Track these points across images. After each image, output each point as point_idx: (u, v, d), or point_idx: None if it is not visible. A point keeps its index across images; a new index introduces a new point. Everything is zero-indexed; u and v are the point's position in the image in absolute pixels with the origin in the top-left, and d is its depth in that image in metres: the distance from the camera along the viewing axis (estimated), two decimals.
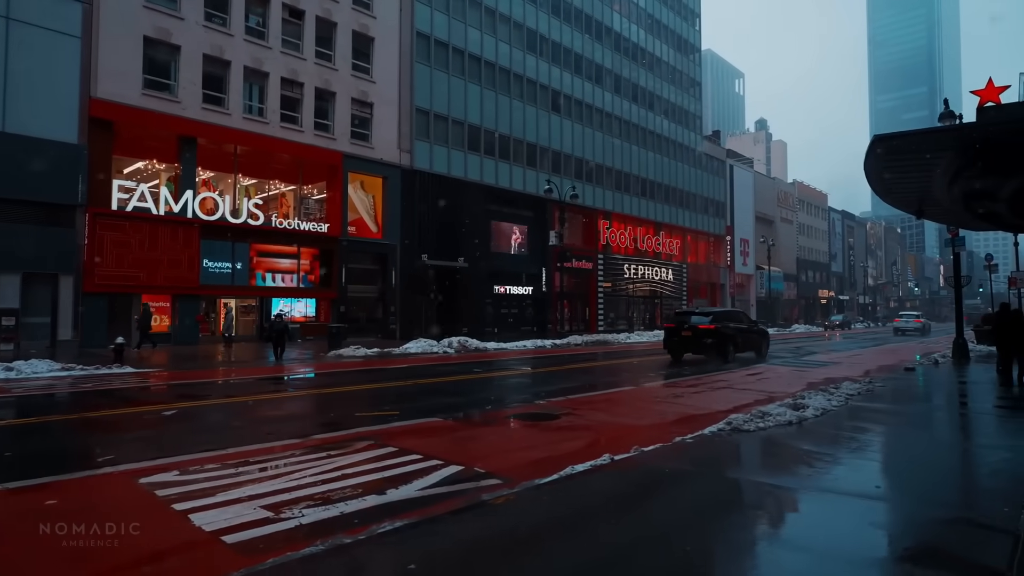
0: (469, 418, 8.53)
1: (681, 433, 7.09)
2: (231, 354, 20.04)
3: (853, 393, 10.64)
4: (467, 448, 6.68)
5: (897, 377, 13.86)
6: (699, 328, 18.67)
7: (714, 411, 8.97)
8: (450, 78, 33.35)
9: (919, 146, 8.47)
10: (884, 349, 26.63)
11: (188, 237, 23.25)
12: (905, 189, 11.61)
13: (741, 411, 8.28)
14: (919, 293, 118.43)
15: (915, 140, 8.32)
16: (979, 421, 8.84)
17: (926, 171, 10.04)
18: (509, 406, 9.63)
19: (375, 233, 29.85)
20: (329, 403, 10.32)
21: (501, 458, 6.21)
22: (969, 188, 10.60)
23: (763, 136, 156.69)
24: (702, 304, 56.35)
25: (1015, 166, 8.62)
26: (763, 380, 13.60)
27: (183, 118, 23.20)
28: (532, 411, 9.04)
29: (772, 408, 8.38)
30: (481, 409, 9.29)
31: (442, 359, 19.49)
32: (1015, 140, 7.62)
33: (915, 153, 8.94)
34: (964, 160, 8.87)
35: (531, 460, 6.12)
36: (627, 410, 9.47)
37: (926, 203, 12.76)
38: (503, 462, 6.02)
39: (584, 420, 8.41)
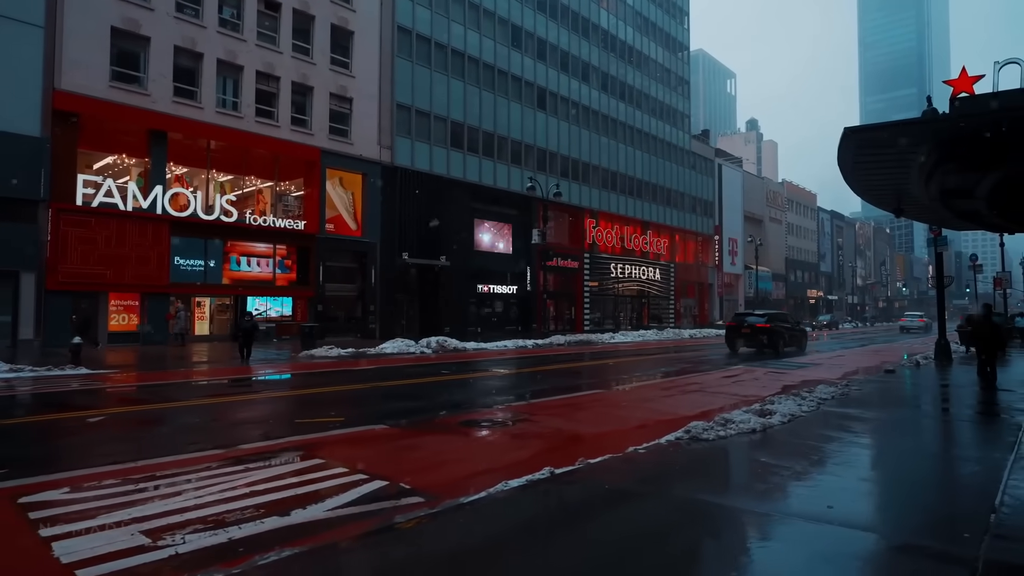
0: (417, 425, 8.05)
1: (637, 442, 6.65)
2: (186, 354, 19.46)
3: (827, 397, 10.24)
4: (402, 460, 6.21)
5: (876, 380, 13.49)
6: (756, 326, 21.86)
7: (678, 416, 8.54)
8: (432, 73, 32.82)
9: (891, 139, 8.07)
10: (868, 350, 26.35)
11: (157, 234, 22.62)
12: (882, 186, 11.22)
13: (706, 417, 7.85)
14: (907, 293, 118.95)
15: (887, 133, 7.92)
16: (953, 428, 8.45)
17: (902, 167, 9.66)
18: (466, 411, 9.16)
19: (354, 231, 29.29)
20: (276, 408, 9.81)
21: (434, 472, 5.74)
22: (946, 185, 10.23)
23: (754, 136, 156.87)
24: (690, 304, 56.14)
25: (990, 161, 8.23)
26: (738, 383, 13.19)
27: (153, 111, 22.57)
28: (488, 417, 8.58)
29: (736, 415, 7.95)
30: (435, 415, 8.81)
31: (417, 360, 19.00)
32: (989, 133, 7.23)
33: (888, 147, 8.53)
34: (939, 155, 8.47)
35: (466, 474, 5.66)
36: (589, 416, 9.02)
37: (905, 201, 12.39)
38: (435, 476, 5.55)
39: (539, 427, 7.96)
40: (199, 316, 27.13)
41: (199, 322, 27.12)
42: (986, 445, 7.21)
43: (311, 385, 12.40)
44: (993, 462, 6.02)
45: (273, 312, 27.11)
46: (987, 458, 6.35)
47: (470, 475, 5.56)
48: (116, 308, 22.35)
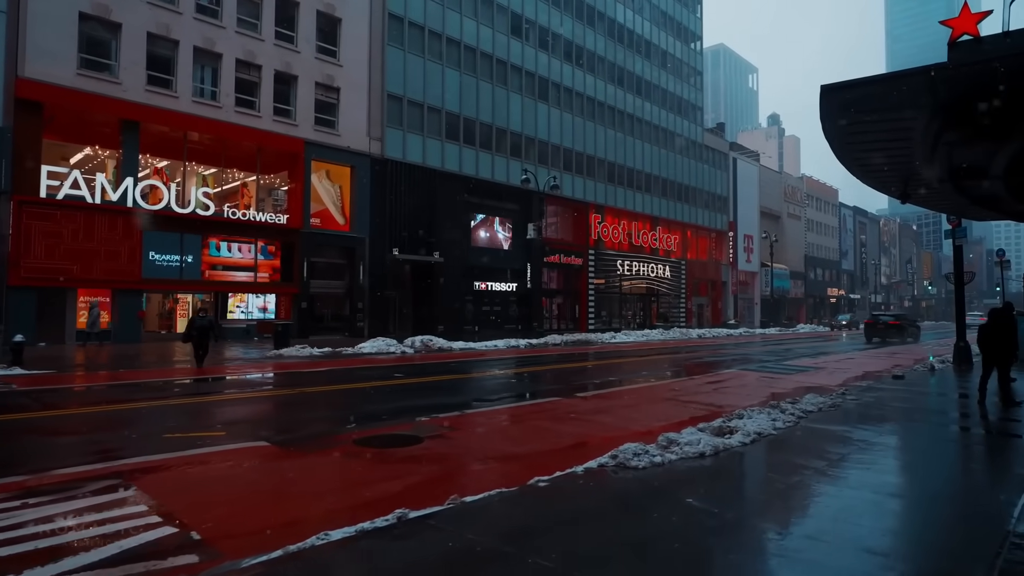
0: (303, 442, 6.82)
1: (548, 469, 5.35)
2: (144, 353, 18.49)
3: (812, 409, 8.80)
4: (231, 495, 4.96)
5: (879, 387, 11.95)
6: (888, 323, 33.17)
7: (624, 433, 7.19)
8: (426, 63, 31.62)
9: (880, 101, 6.62)
10: (883, 352, 24.54)
11: (128, 227, 21.76)
12: (881, 165, 9.70)
13: (650, 437, 6.50)
14: (934, 292, 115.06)
15: (872, 89, 6.47)
16: (959, 455, 6.97)
17: (901, 139, 8.17)
18: (381, 424, 7.91)
19: (342, 225, 28.23)
20: (160, 419, 8.36)
21: (254, 513, 4.49)
22: (954, 162, 8.70)
23: (775, 131, 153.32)
24: (702, 302, 54.35)
25: (1003, 128, 6.73)
26: (720, 390, 11.75)
27: (124, 101, 21.68)
28: (397, 431, 7.31)
29: (686, 434, 6.57)
30: (340, 428, 7.58)
31: (391, 360, 17.82)
32: (1002, 86, 5.76)
33: (879, 112, 7.07)
34: (941, 121, 6.99)
35: (293, 517, 4.39)
36: (520, 432, 7.71)
37: (911, 183, 10.82)
38: (247, 521, 4.30)
39: (448, 446, 6.67)
40: (181, 313, 26.37)
41: (181, 319, 26.36)
42: (991, 480, 5.75)
43: (244, 389, 11.24)
44: (988, 515, 4.59)
45: (255, 309, 26.17)
46: (981, 509, 4.90)
47: (295, 520, 4.29)
48: (85, 305, 21.52)
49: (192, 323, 14.86)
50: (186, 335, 14.85)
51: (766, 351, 24.41)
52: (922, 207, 14.04)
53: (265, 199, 28.13)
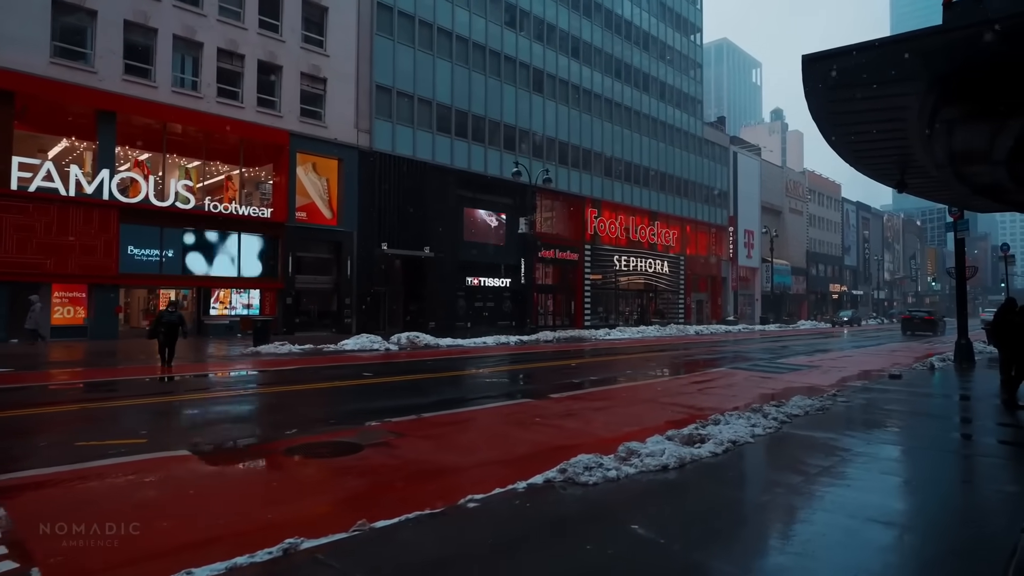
0: (230, 451, 6.20)
1: (489, 486, 4.71)
2: (112, 351, 17.90)
3: (797, 413, 8.13)
4: (110, 517, 4.31)
5: (874, 387, 11.27)
6: (924, 319, 38.39)
7: (587, 441, 6.55)
8: (416, 53, 30.91)
9: (871, 71, 5.92)
10: (883, 350, 23.83)
11: (105, 221, 21.15)
12: (874, 149, 8.99)
13: (617, 443, 5.85)
14: (938, 288, 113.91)
15: (862, 61, 5.77)
16: (955, 470, 6.30)
17: (894, 119, 7.47)
18: (325, 429, 7.28)
19: (329, 219, 27.59)
20: (88, 423, 7.56)
21: (129, 540, 3.86)
22: (953, 145, 8.00)
23: (779, 127, 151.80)
24: (701, 298, 53.64)
25: (1007, 100, 6.04)
26: (706, 391, 11.09)
27: (100, 91, 21.06)
28: (338, 439, 6.68)
29: (650, 444, 5.92)
30: (277, 434, 6.95)
31: (369, 358, 17.19)
32: (1001, 52, 5.07)
33: (869, 87, 6.38)
34: (938, 95, 6.29)
35: (165, 547, 3.76)
36: (472, 438, 7.07)
37: (908, 171, 10.11)
38: (115, 550, 3.68)
39: (387, 457, 6.03)
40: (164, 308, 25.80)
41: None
42: (999, 506, 5.08)
43: (199, 391, 10.63)
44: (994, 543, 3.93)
45: (239, 305, 25.58)
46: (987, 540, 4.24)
47: (163, 551, 3.66)
48: (60, 300, 20.97)
49: (159, 319, 13.76)
50: (152, 332, 13.81)
51: (762, 348, 23.72)
52: (922, 198, 13.33)
53: (252, 193, 27.54)
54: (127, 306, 27.76)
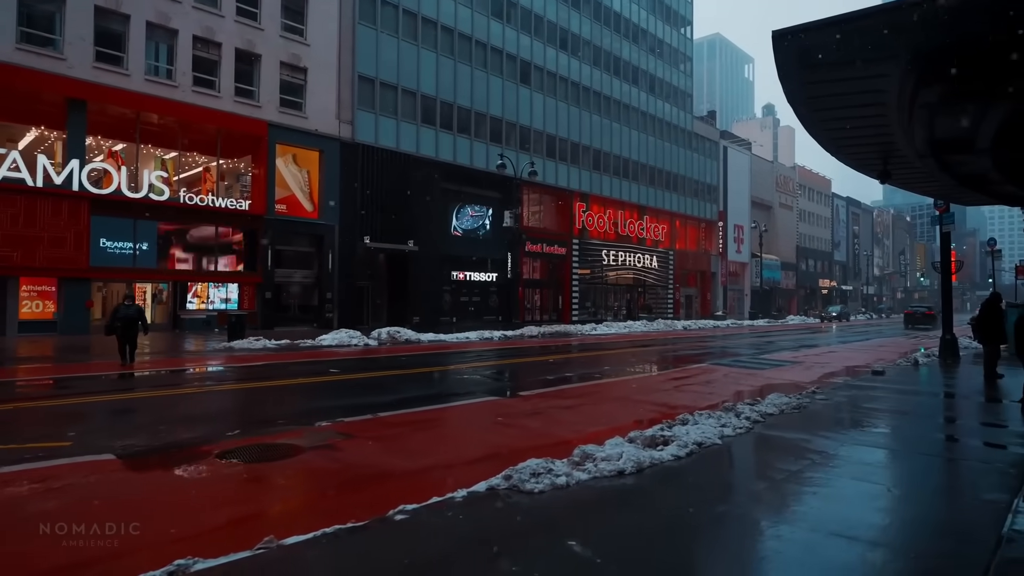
0: (160, 453, 5.77)
1: (426, 495, 4.32)
2: (74, 347, 17.36)
3: (772, 412, 7.78)
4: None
5: (856, 384, 10.95)
6: (924, 313, 40.98)
7: (546, 442, 6.17)
8: (400, 43, 30.34)
9: (846, 48, 5.54)
10: (869, 345, 23.60)
11: (75, 212, 20.57)
12: (855, 136, 8.62)
13: (564, 448, 5.47)
14: (927, 284, 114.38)
15: (836, 37, 5.38)
16: (933, 470, 5.96)
17: (876, 102, 7.08)
18: (271, 429, 6.87)
19: (310, 212, 27.06)
20: (15, 424, 7.24)
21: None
22: (936, 131, 7.64)
23: (770, 122, 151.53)
24: (691, 293, 53.42)
25: (988, 80, 5.66)
26: (682, 388, 10.73)
27: (69, 78, 20.43)
28: (281, 441, 6.26)
29: (608, 446, 5.54)
30: (217, 435, 6.53)
31: (344, 354, 16.75)
32: (980, 23, 4.68)
33: (846, 65, 6.00)
34: (918, 74, 5.92)
35: (39, 570, 3.34)
36: (426, 440, 6.67)
37: (891, 160, 9.75)
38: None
39: (327, 461, 5.63)
40: (142, 304, 25.25)
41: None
42: (978, 515, 4.73)
43: (151, 388, 10.17)
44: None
45: (217, 300, 25.04)
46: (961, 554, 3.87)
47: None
48: (28, 294, 20.39)
49: (115, 314, 12.74)
50: (108, 327, 12.83)
51: (747, 344, 23.44)
52: (907, 190, 13.00)
53: (233, 185, 26.97)
54: (104, 300, 27.26)
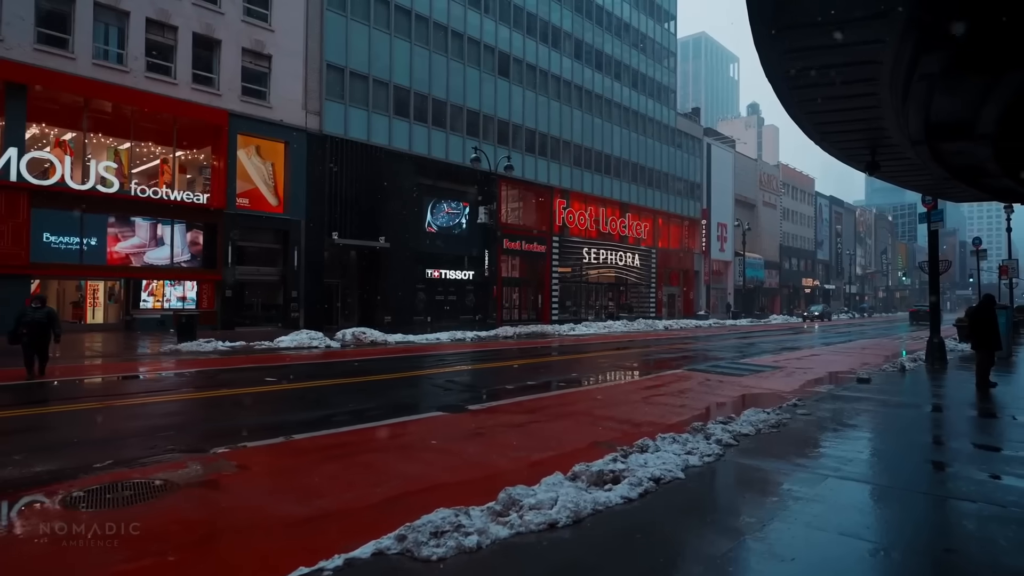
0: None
1: (290, 562, 3.27)
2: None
3: (748, 432, 6.83)
4: None
5: (840, 394, 10.06)
6: (927, 311, 33.54)
7: (477, 475, 5.16)
8: (372, 31, 29.12)
9: (831, 7, 4.60)
10: (852, 347, 22.87)
11: (13, 205, 19.19)
12: (843, 122, 7.69)
13: (509, 480, 4.44)
14: (908, 283, 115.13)
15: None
16: (927, 523, 5.02)
17: (866, 77, 6.14)
18: (155, 458, 5.78)
19: (275, 207, 25.80)
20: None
21: None
22: (933, 113, 6.72)
23: (755, 121, 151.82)
24: (674, 292, 52.72)
25: (1005, 43, 4.74)
26: (650, 400, 9.77)
27: (7, 60, 19.03)
28: (157, 474, 5.18)
29: (543, 489, 4.53)
30: (83, 468, 5.44)
31: (298, 358, 15.64)
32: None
33: (833, 29, 5.04)
34: (917, 36, 4.97)
35: None
36: (332, 472, 5.60)
37: (880, 150, 8.86)
38: None
39: (199, 504, 4.57)
40: (93, 302, 23.95)
41: (93, 308, 23.95)
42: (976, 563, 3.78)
43: (49, 404, 9.02)
44: None
45: (174, 298, 23.75)
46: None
47: None
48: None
49: (20, 318, 10.85)
50: (13, 334, 10.85)
51: (728, 345, 22.62)
52: (895, 183, 12.15)
53: (196, 178, 25.62)
54: (59, 298, 25.85)
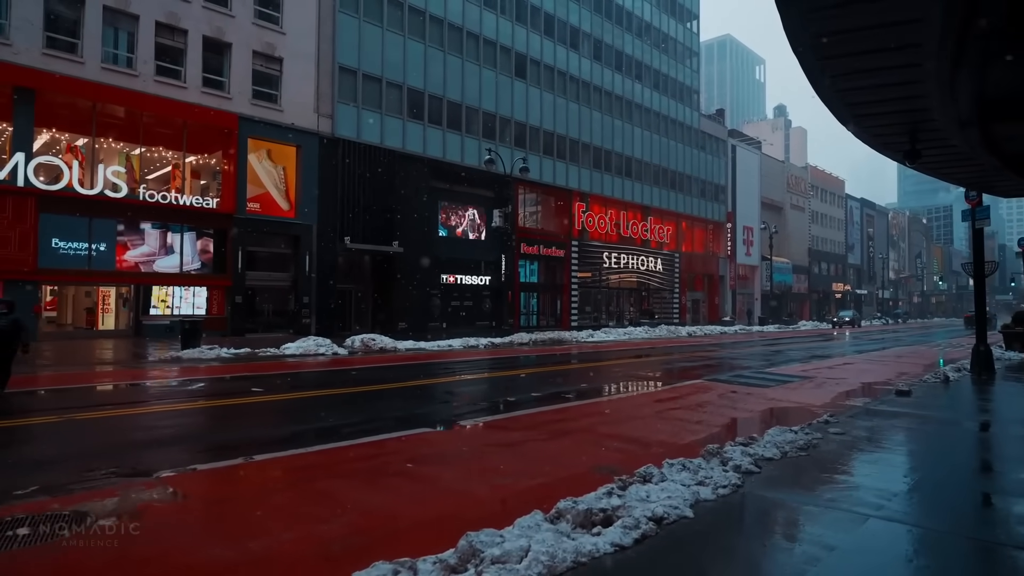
0: None
1: None
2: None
3: (773, 456, 5.92)
4: None
5: (878, 409, 9.04)
6: None
7: (446, 510, 4.36)
8: (385, 33, 28.68)
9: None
10: (888, 355, 21.53)
11: (20, 210, 19.02)
12: (879, 101, 6.75)
13: (474, 521, 3.64)
14: (945, 287, 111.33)
15: None
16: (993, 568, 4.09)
17: (908, 44, 5.24)
18: (92, 482, 5.11)
19: (286, 211, 25.41)
20: None
21: None
22: (989, 83, 5.77)
23: (782, 123, 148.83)
24: (698, 298, 51.38)
25: None
26: (663, 415, 8.86)
27: (15, 65, 18.92)
28: (78, 504, 4.47)
29: (518, 531, 3.71)
30: (13, 491, 4.79)
31: (303, 366, 15.04)
32: None
33: None
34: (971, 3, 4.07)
35: None
36: (281, 504, 4.84)
37: (921, 134, 7.87)
38: None
39: (109, 547, 3.85)
40: (105, 308, 23.79)
41: (104, 315, 23.78)
42: None
43: (9, 417, 8.47)
44: None
45: (184, 304, 23.43)
46: None
47: None
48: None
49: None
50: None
51: (753, 353, 21.48)
52: (934, 175, 11.04)
53: (210, 183, 25.43)
54: (73, 304, 25.84)
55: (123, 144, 22.62)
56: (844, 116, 7.42)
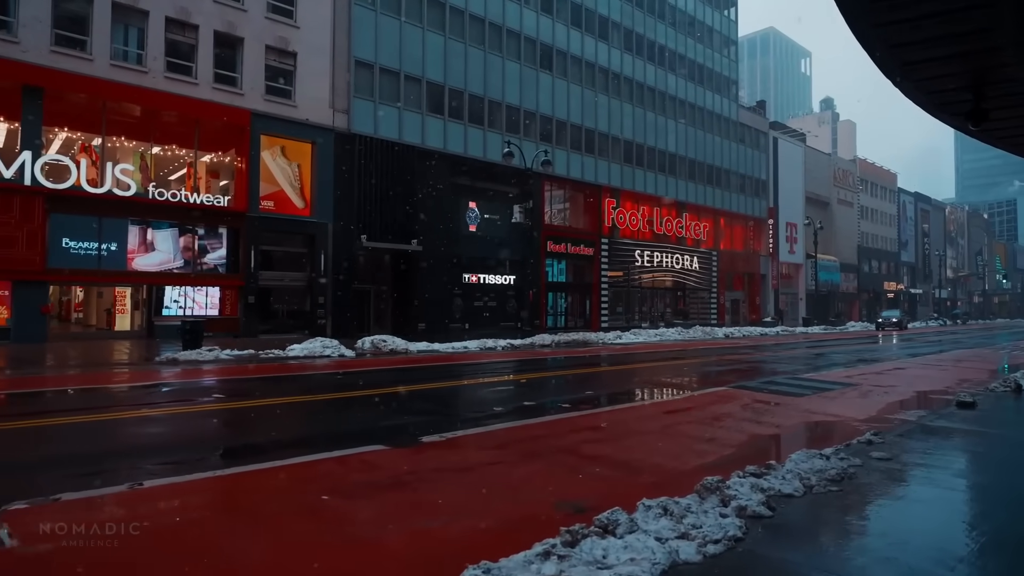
0: None
1: None
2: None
3: (792, 493, 4.55)
4: None
5: (933, 426, 7.48)
6: None
7: (347, 566, 3.21)
8: (403, 25, 27.85)
9: None
10: (945, 358, 19.41)
11: (28, 209, 18.78)
12: (935, 47, 5.30)
13: None
14: (1008, 286, 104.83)
15: None
16: None
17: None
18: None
19: (301, 209, 24.79)
20: None
21: None
22: None
23: (828, 116, 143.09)
24: (737, 297, 49.12)
25: None
26: (672, 429, 7.51)
27: (23, 63, 18.70)
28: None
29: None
30: None
31: (301, 368, 14.17)
32: None
33: None
34: None
35: None
36: (112, 564, 3.77)
37: (988, 90, 6.32)
38: None
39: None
40: (119, 309, 23.56)
41: (118, 315, 23.55)
42: None
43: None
44: None
45: (196, 305, 23.00)
46: None
47: None
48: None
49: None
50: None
51: (793, 356, 19.71)
52: (1000, 145, 9.32)
53: (218, 180, 24.99)
54: (86, 304, 25.80)
55: (132, 142, 22.28)
56: (891, 68, 5.97)
